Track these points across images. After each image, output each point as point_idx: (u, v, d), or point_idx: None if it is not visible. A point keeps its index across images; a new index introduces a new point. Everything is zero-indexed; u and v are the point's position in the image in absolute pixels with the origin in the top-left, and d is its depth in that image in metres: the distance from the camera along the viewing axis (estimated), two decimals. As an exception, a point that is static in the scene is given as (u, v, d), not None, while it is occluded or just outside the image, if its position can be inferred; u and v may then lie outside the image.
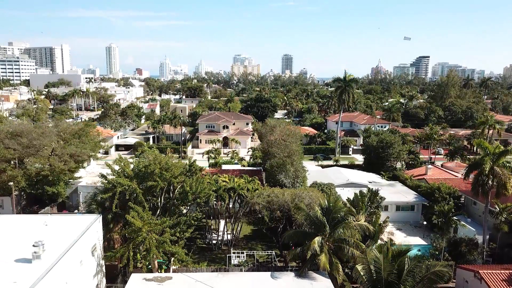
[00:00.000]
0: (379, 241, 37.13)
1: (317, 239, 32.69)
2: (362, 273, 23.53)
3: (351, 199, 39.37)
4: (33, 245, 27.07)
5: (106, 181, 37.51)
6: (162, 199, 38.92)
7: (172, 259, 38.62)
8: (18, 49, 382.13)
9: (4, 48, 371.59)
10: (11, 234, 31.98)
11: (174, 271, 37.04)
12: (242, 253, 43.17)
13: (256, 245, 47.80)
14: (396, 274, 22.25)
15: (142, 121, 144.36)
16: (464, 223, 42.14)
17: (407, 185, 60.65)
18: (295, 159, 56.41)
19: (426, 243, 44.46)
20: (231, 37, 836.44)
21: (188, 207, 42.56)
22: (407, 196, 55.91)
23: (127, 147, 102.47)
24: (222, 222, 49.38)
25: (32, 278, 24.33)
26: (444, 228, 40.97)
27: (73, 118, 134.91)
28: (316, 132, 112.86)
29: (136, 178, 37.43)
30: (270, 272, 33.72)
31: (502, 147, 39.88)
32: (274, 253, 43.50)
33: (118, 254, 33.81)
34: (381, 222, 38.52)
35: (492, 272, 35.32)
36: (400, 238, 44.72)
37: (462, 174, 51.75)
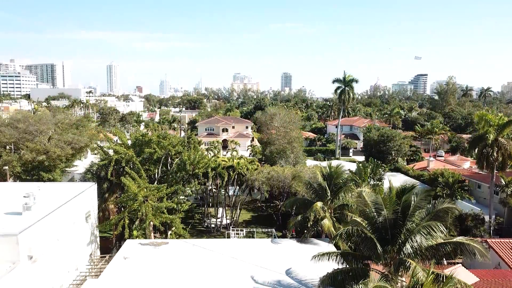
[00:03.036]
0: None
1: (319, 204, 31.62)
2: (359, 220, 22.34)
3: (354, 171, 38.36)
4: (24, 196, 26.10)
5: (102, 151, 36.68)
6: (160, 171, 37.96)
7: (170, 232, 37.49)
8: (20, 65, 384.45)
9: (6, 64, 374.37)
10: (3, 196, 30.96)
11: (171, 243, 35.81)
12: (242, 230, 41.88)
13: (256, 227, 46.53)
14: (401, 211, 21.14)
15: (142, 127, 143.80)
16: (469, 196, 41.08)
17: (409, 175, 59.64)
18: (295, 146, 55.66)
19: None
20: (231, 57, 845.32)
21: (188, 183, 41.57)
22: (409, 183, 54.78)
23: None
24: (221, 210, 48.33)
25: (22, 226, 23.27)
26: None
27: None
28: (316, 135, 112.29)
29: (133, 147, 36.59)
30: (270, 239, 32.59)
31: (506, 118, 39.23)
32: (274, 231, 42.18)
33: (113, 220, 32.73)
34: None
35: (500, 241, 34.20)
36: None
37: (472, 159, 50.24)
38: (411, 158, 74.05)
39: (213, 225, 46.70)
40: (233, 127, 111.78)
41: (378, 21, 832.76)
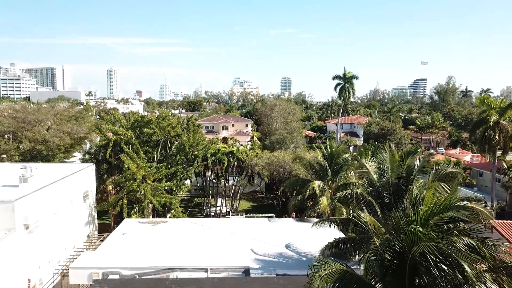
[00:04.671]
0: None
1: (318, 182, 31.26)
2: (360, 190, 21.95)
3: (354, 154, 38.03)
4: (20, 168, 25.79)
5: (101, 132, 36.40)
6: (159, 155, 37.60)
7: (168, 215, 37.12)
8: (20, 69, 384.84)
9: (6, 68, 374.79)
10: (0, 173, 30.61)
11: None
12: (242, 215, 41.42)
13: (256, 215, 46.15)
14: (404, 176, 20.76)
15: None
16: (471, 178, 40.75)
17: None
18: (295, 136, 55.40)
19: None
20: (231, 62, 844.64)
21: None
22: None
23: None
24: (220, 200, 48.04)
25: (18, 195, 22.93)
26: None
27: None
28: (316, 134, 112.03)
29: (132, 129, 36.30)
30: (270, 217, 32.31)
31: (507, 101, 39.00)
32: (274, 216, 41.72)
33: (111, 200, 32.37)
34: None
35: (503, 222, 33.79)
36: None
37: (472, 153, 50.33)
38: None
39: (212, 213, 46.31)
40: (233, 125, 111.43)
41: (377, 26, 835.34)
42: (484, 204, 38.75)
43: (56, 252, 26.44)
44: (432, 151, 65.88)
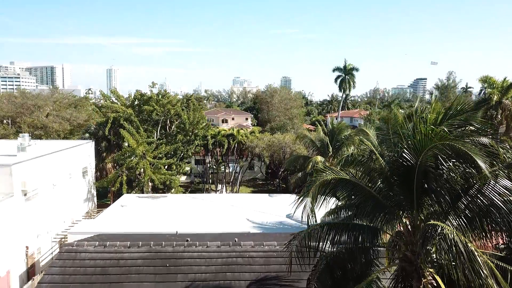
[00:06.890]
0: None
1: (319, 157, 31.06)
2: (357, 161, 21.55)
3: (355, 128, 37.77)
4: (18, 137, 25.54)
5: (101, 112, 36.14)
6: (159, 134, 37.34)
7: (169, 194, 36.87)
8: (20, 67, 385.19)
9: (5, 66, 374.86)
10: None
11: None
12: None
13: (256, 198, 45.93)
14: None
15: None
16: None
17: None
18: (296, 122, 55.17)
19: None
20: (231, 62, 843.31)
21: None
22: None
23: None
24: (220, 186, 47.85)
25: (16, 160, 22.69)
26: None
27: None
28: (316, 127, 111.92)
29: (132, 107, 36.04)
30: (270, 194, 32.08)
31: (510, 80, 38.70)
32: (275, 197, 41.53)
33: (110, 176, 32.10)
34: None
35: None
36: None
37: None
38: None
39: (212, 198, 46.11)
40: (233, 119, 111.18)
41: (377, 25, 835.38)
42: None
43: (54, 223, 26.20)
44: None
